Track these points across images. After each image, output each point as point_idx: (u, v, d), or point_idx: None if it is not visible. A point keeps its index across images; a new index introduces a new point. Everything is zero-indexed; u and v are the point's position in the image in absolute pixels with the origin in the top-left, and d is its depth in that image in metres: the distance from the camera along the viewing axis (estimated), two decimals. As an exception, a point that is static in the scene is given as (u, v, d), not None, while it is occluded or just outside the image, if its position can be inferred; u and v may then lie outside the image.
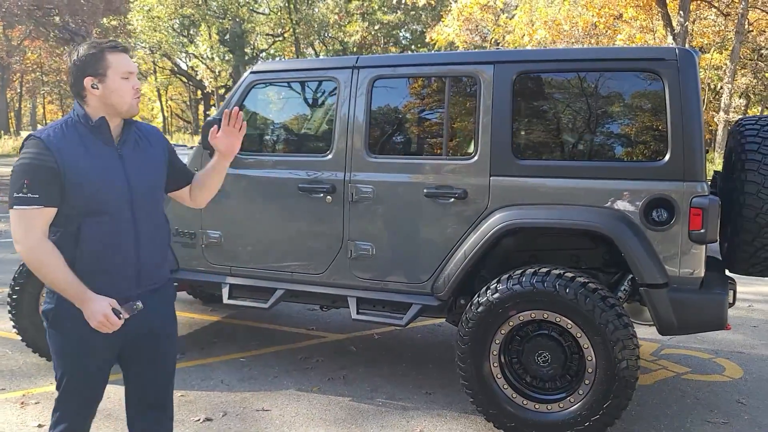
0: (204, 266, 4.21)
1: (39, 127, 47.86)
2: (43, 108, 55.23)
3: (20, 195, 2.10)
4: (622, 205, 3.31)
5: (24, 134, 36.50)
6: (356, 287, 3.86)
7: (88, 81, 2.18)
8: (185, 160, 4.20)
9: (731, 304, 3.41)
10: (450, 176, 3.62)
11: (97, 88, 2.19)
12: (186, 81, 43.34)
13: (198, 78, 32.69)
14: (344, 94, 3.84)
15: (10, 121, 45.83)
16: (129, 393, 2.47)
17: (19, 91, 45.89)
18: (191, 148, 4.58)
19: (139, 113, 2.40)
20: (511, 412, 3.40)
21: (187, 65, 38.44)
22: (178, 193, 2.60)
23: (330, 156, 3.86)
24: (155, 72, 39.75)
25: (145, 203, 2.31)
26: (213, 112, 33.34)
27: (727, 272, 3.82)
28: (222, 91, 37.30)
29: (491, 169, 3.53)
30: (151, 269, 2.35)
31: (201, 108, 46.88)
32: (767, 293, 6.99)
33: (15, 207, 2.11)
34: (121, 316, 2.15)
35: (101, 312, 2.11)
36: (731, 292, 3.45)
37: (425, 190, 3.64)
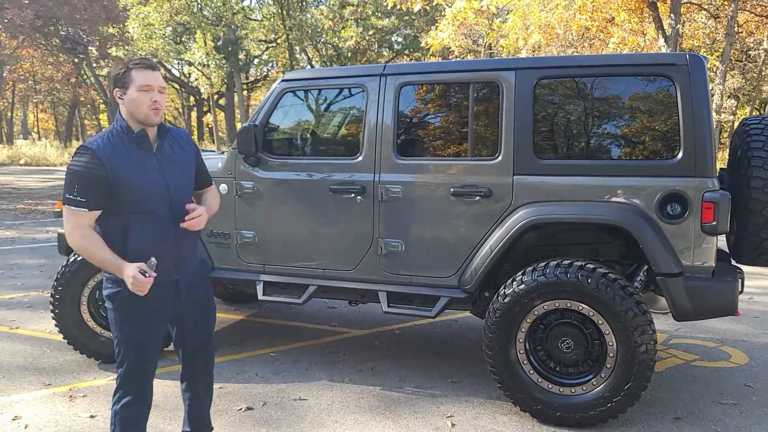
0: (238, 265, 4.42)
1: (32, 135, 47.80)
2: (35, 117, 55.11)
3: (71, 197, 2.48)
4: (638, 200, 3.56)
5: (18, 143, 36.51)
6: (386, 282, 4.08)
7: (116, 92, 2.57)
8: (219, 164, 4.42)
9: (740, 292, 3.65)
10: (475, 176, 3.85)
11: (122, 99, 2.56)
12: (178, 88, 43.41)
13: (193, 85, 32.81)
14: (372, 100, 4.07)
15: (2, 130, 45.75)
16: (183, 350, 2.88)
17: (11, 100, 45.81)
18: (222, 153, 4.78)
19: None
20: (536, 395, 3.63)
21: (180, 72, 38.53)
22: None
23: (360, 158, 4.08)
24: (148, 79, 39.66)
25: (181, 201, 2.66)
26: (208, 118, 33.43)
27: (733, 262, 4.07)
28: (216, 97, 37.43)
29: (514, 168, 3.77)
30: (188, 257, 2.74)
31: (194, 114, 46.93)
32: (767, 286, 7.28)
33: (66, 206, 2.50)
34: (147, 274, 2.45)
35: (131, 275, 2.45)
36: (740, 281, 3.69)
37: (452, 190, 3.87)
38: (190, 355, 2.88)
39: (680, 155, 3.51)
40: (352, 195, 4.07)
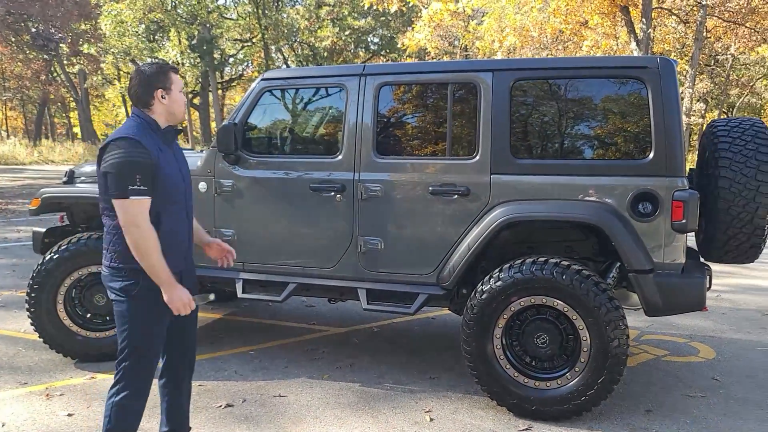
0: (217, 263, 4.41)
1: (0, 133, 46.69)
2: (4, 115, 53.97)
3: (135, 187, 2.51)
4: (611, 199, 3.66)
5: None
6: (366, 280, 4.13)
7: (159, 92, 2.65)
8: (198, 162, 4.43)
9: (708, 288, 3.77)
10: (453, 175, 3.92)
11: (165, 99, 2.67)
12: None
13: (167, 83, 32.29)
14: (352, 100, 4.11)
15: (-30, 127, 44.69)
16: (171, 345, 2.91)
17: (-21, 97, 44.82)
18: (201, 151, 4.79)
19: (98, 120, 2.83)
20: (513, 390, 3.71)
21: (153, 71, 37.99)
22: None
23: (340, 157, 4.13)
24: (119, 78, 39.27)
25: (190, 195, 2.85)
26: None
27: (701, 260, 4.20)
28: (190, 96, 37.08)
29: (492, 167, 3.84)
30: (191, 249, 2.88)
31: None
32: (733, 284, 7.50)
33: (132, 197, 2.51)
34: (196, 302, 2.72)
35: (188, 298, 2.61)
36: (708, 277, 3.81)
37: (430, 188, 3.93)
38: (177, 349, 2.90)
39: (651, 155, 3.61)
40: (332, 193, 4.11)
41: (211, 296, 2.76)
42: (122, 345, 2.67)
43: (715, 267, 4.17)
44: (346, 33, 30.34)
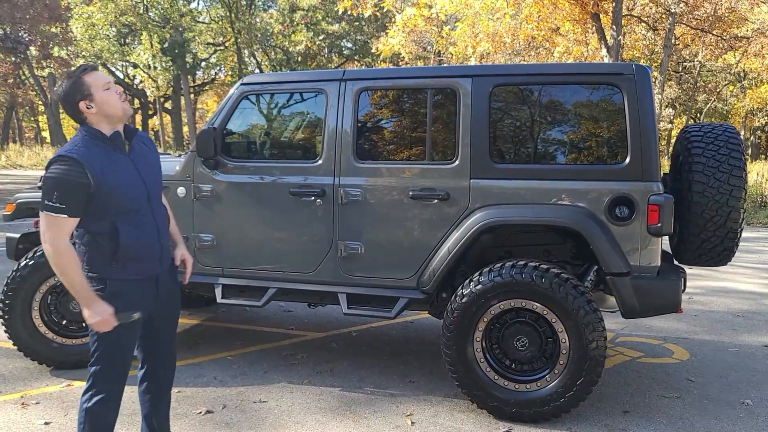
0: (196, 268, 4.37)
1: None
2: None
3: (50, 204, 2.45)
4: (589, 203, 3.72)
5: None
6: (346, 284, 4.13)
7: (82, 105, 2.56)
8: (177, 167, 4.39)
9: (683, 290, 3.85)
10: (433, 179, 3.95)
11: (92, 107, 2.56)
12: (123, 90, 42.27)
13: (138, 87, 32.04)
14: (332, 105, 4.12)
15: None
16: (150, 351, 2.88)
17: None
18: (179, 155, 4.75)
19: (68, 124, 2.75)
20: (493, 392, 3.74)
21: (124, 74, 37.61)
22: None
23: (320, 162, 4.13)
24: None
25: (157, 198, 2.78)
26: (154, 121, 32.79)
27: (675, 262, 4.29)
28: (162, 100, 36.70)
29: (471, 172, 3.88)
30: (167, 251, 2.82)
31: (138, 118, 45.93)
32: (705, 286, 7.66)
33: (45, 212, 2.46)
34: (118, 321, 2.56)
35: (108, 313, 2.51)
36: (683, 280, 3.90)
37: (410, 193, 3.95)
38: (157, 354, 2.88)
39: (628, 160, 3.68)
40: (312, 198, 4.11)
41: (136, 315, 2.60)
42: (93, 350, 2.65)
43: (688, 268, 4.26)
44: (320, 38, 30.31)
